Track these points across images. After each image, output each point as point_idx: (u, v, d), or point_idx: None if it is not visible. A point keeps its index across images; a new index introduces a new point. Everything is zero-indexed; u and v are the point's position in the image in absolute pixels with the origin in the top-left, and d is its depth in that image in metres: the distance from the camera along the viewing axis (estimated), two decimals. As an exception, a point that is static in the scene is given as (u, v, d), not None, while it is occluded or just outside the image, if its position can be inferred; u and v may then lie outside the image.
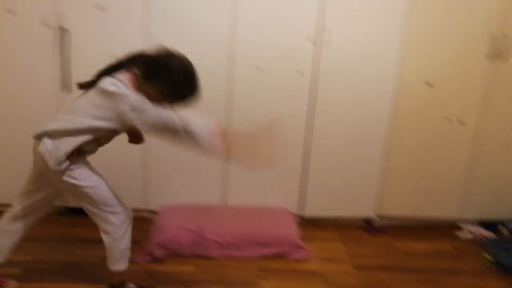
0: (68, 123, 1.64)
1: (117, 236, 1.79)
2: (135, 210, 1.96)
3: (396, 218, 2.81)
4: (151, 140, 1.96)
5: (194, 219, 2.47)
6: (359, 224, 2.82)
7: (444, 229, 2.80)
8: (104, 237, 1.80)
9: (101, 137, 1.73)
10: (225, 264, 2.31)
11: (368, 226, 2.78)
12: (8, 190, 2.14)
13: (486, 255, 2.46)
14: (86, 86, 1.69)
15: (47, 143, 1.63)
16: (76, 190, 1.72)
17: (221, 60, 2.48)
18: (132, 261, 1.95)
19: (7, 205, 1.87)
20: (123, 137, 1.86)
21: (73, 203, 2.48)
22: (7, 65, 2.47)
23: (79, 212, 2.13)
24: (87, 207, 1.77)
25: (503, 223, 2.75)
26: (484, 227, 2.78)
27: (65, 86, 2.48)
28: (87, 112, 1.61)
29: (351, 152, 2.65)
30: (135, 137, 1.90)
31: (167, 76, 1.64)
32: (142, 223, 2.50)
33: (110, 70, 1.67)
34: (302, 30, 2.46)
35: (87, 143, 1.67)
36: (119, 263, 1.85)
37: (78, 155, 1.69)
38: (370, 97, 2.57)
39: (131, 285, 1.93)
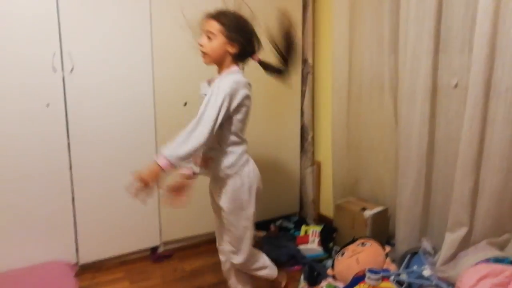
0: None
1: None
2: None
3: (180, 240, 2.83)
4: None
5: None
6: (145, 255, 2.72)
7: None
8: None
9: None
10: None
11: (153, 256, 2.70)
12: None
13: (261, 254, 2.71)
14: None
15: None
16: None
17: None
18: None
19: None
20: None
21: None
22: None
23: None
24: None
25: (275, 220, 3.11)
26: (260, 229, 3.06)
27: None
28: None
29: (121, 185, 2.53)
30: None
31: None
32: None
33: None
34: (44, 60, 2.23)
35: None
36: None
37: None
38: (132, 123, 2.51)
39: None
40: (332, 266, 2.34)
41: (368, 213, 2.53)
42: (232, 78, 1.73)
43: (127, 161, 2.51)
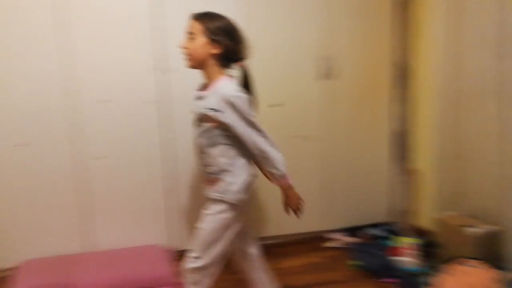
0: None
1: None
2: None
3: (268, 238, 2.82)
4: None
5: (57, 272, 2.18)
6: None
7: (312, 242, 2.90)
8: None
9: None
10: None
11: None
12: None
13: (352, 261, 2.61)
14: None
15: None
16: None
17: (57, 94, 2.32)
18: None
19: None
20: None
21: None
22: None
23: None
24: None
25: (363, 228, 2.99)
26: (349, 234, 2.95)
27: None
28: None
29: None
30: None
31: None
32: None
33: None
34: (144, 59, 2.38)
35: None
36: None
37: None
38: None
39: None
40: (433, 285, 2.19)
41: (474, 231, 2.32)
42: (230, 85, 1.66)
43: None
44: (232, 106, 1.61)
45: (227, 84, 1.67)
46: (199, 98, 1.73)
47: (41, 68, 2.27)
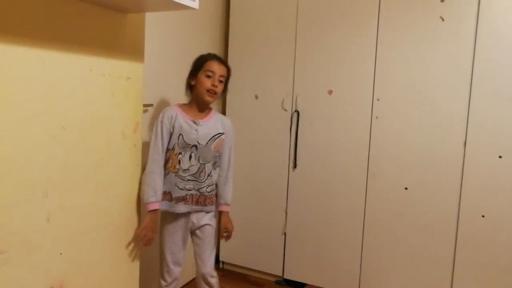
0: None
1: None
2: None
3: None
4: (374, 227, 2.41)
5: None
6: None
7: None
8: None
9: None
10: None
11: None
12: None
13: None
14: None
15: None
16: None
17: (457, 145, 2.23)
18: None
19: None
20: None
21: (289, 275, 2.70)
22: (249, 140, 2.75)
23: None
24: None
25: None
26: None
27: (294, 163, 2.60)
28: None
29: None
30: None
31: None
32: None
33: None
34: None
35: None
36: None
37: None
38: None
39: None
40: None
41: None
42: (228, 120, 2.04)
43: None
44: (232, 132, 2.02)
45: (221, 115, 2.04)
46: (196, 124, 1.89)
47: (444, 117, 2.24)
